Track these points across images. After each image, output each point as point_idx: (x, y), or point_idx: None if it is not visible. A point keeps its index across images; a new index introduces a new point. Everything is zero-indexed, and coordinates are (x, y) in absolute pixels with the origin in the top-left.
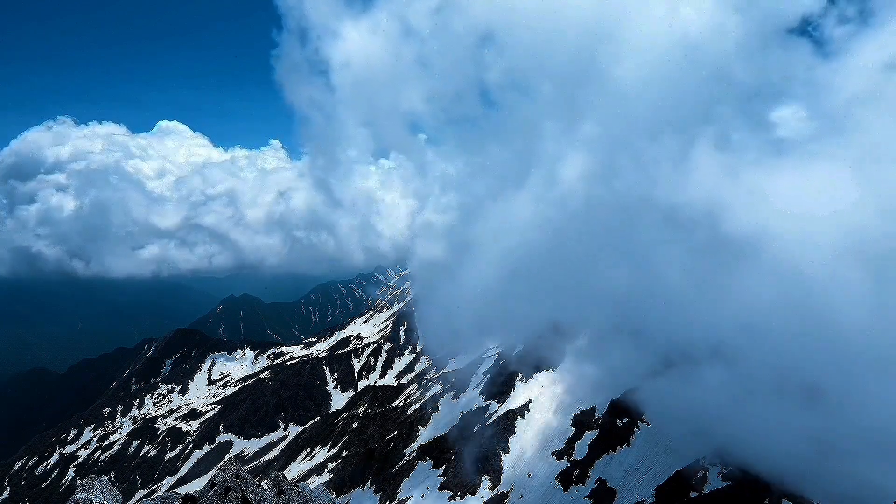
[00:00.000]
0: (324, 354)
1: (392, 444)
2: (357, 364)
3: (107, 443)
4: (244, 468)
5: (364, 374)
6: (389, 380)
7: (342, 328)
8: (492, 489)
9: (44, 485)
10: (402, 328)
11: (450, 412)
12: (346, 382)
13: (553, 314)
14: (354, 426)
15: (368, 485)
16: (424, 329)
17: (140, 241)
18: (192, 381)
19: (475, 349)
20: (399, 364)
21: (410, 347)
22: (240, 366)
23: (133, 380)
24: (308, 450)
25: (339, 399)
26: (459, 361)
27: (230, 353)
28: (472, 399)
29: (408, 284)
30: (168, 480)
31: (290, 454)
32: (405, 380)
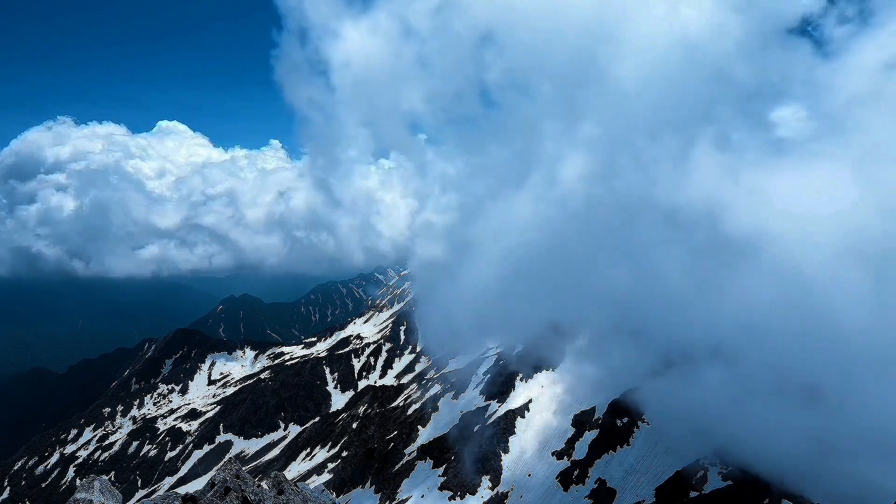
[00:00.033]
0: (324, 354)
1: (392, 444)
2: (357, 364)
3: (107, 443)
4: (244, 468)
5: (364, 374)
6: (389, 380)
7: (342, 328)
8: (492, 489)
9: (44, 485)
10: (402, 328)
11: (450, 412)
12: (346, 382)
13: (553, 314)
14: (354, 426)
15: (368, 485)
16: (424, 329)
17: (140, 241)
18: (192, 381)
19: (475, 349)
20: (399, 364)
21: (410, 347)
22: (240, 366)
23: (133, 380)
24: (308, 450)
25: (339, 399)
26: (459, 361)
27: (230, 353)
28: (472, 399)
29: (408, 284)
30: (168, 480)
31: (290, 454)
32: (405, 380)
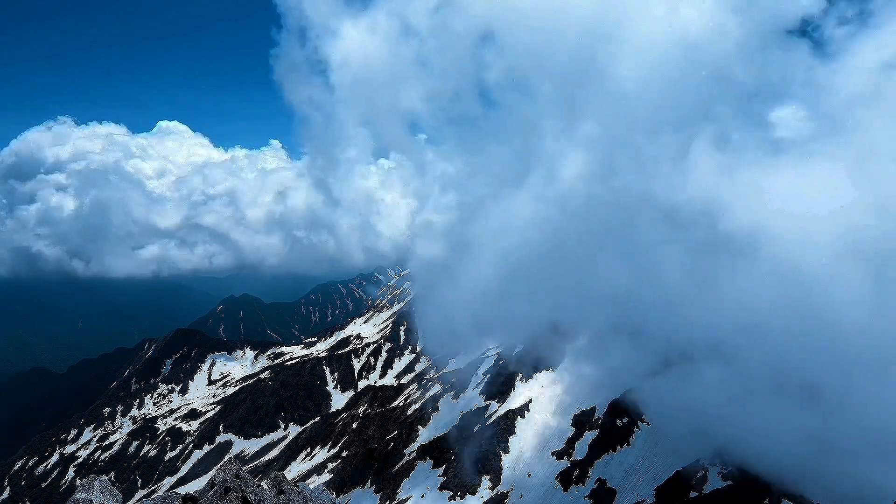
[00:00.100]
0: (324, 354)
1: (392, 444)
2: (357, 364)
3: (107, 443)
4: (244, 468)
5: (364, 374)
6: (389, 380)
7: (342, 328)
8: (492, 489)
9: (44, 485)
10: (402, 328)
11: (450, 412)
12: (346, 382)
13: (552, 314)
14: (354, 426)
15: (368, 485)
16: (424, 329)
17: (140, 241)
18: (192, 381)
19: (475, 349)
20: (399, 364)
21: (410, 347)
22: (240, 366)
23: (133, 380)
24: (308, 450)
25: (339, 399)
26: (459, 361)
27: (230, 353)
28: (472, 399)
29: (408, 284)
30: (168, 480)
31: (290, 454)
32: (405, 380)
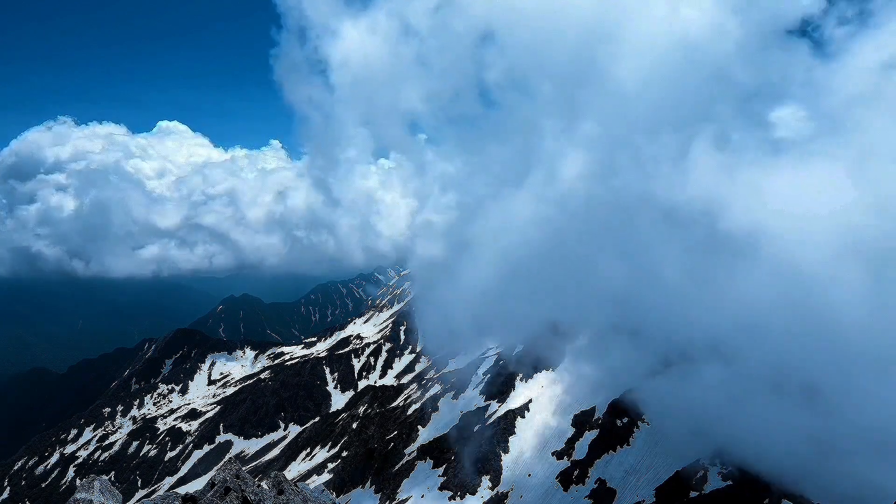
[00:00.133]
0: (324, 354)
1: (392, 444)
2: (357, 364)
3: (107, 443)
4: (244, 468)
5: (364, 374)
6: (389, 380)
7: (342, 328)
8: (492, 489)
9: (44, 485)
10: (402, 328)
11: (450, 412)
12: (346, 382)
13: (552, 314)
14: (354, 426)
15: (368, 485)
16: (424, 329)
17: (140, 241)
18: (192, 381)
19: (475, 349)
20: (399, 364)
21: (410, 347)
22: (240, 366)
23: (133, 380)
24: (308, 450)
25: (339, 399)
26: (459, 361)
27: (230, 353)
28: (472, 399)
29: (408, 284)
30: (168, 480)
31: (290, 454)
32: (405, 380)
